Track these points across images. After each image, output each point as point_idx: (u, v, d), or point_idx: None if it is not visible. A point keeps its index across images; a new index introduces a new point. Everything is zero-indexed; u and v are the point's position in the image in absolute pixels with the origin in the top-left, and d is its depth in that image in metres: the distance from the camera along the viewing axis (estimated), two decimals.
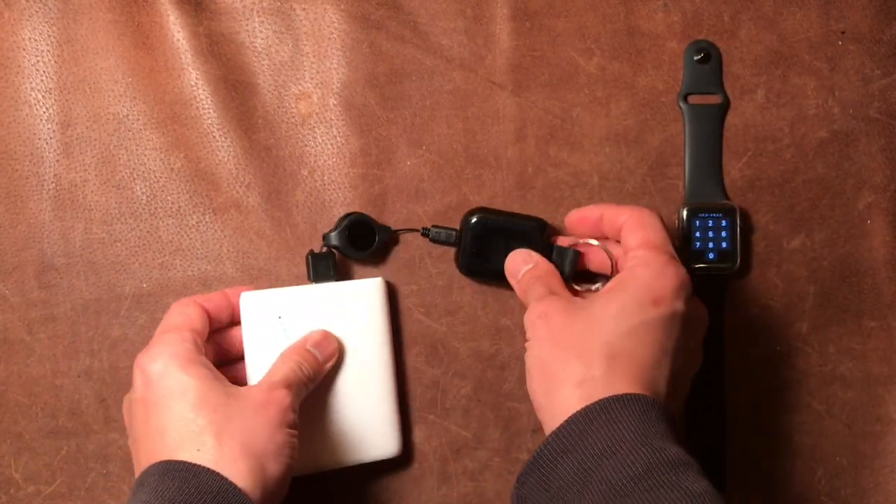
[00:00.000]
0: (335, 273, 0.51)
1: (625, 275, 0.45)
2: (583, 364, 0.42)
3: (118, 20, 0.52)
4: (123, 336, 0.52)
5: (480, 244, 0.51)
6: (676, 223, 0.54)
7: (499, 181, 0.54)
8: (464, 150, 0.54)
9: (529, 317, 0.46)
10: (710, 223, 0.53)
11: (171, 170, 0.52)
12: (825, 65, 0.55)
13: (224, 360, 0.50)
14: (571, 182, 0.54)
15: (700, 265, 0.53)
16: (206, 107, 0.52)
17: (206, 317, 0.47)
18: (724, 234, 0.53)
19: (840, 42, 0.55)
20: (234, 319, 0.50)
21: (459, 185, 0.54)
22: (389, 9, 0.54)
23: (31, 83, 0.52)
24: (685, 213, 0.53)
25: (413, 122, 0.54)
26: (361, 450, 0.51)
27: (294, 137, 0.53)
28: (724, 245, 0.53)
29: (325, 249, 0.52)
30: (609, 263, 0.50)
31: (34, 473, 0.52)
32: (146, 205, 0.52)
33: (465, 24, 0.54)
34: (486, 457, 0.54)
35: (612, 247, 0.50)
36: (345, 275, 0.53)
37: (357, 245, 0.52)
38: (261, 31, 0.53)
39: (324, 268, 0.51)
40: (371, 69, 0.53)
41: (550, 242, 0.51)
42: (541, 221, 0.52)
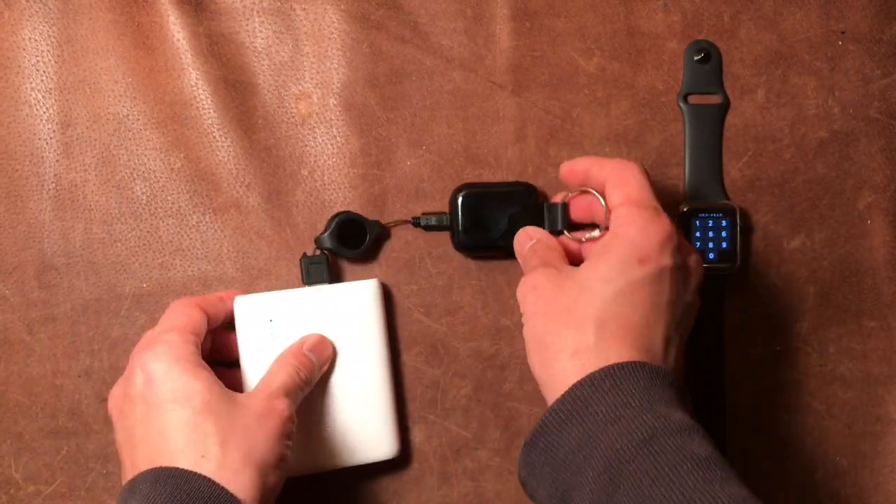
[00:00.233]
0: (329, 275, 0.51)
1: (609, 236, 0.44)
2: (575, 333, 0.42)
3: (118, 20, 0.52)
4: (123, 336, 0.52)
5: (474, 218, 0.52)
6: (676, 223, 0.54)
7: (499, 181, 0.54)
8: (464, 150, 0.54)
9: (521, 290, 0.46)
10: (710, 223, 0.53)
11: (171, 170, 0.52)
12: (825, 65, 0.55)
13: (215, 362, 0.50)
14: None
15: None
16: (206, 107, 0.52)
17: (206, 319, 0.47)
18: (724, 234, 0.53)
19: (840, 42, 0.55)
20: (227, 322, 0.50)
21: None
22: (389, 9, 0.54)
23: (31, 83, 0.52)
24: (685, 213, 0.53)
25: (413, 122, 0.54)
26: (359, 451, 0.51)
27: (294, 137, 0.53)
28: (724, 245, 0.53)
29: (318, 252, 0.52)
30: (602, 211, 0.49)
31: (34, 473, 0.52)
32: (146, 205, 0.52)
33: (465, 24, 0.54)
34: (486, 457, 0.54)
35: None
36: (341, 277, 0.53)
37: (350, 244, 0.52)
38: (261, 31, 0.53)
39: (316, 271, 0.51)
40: (371, 69, 0.53)
41: (541, 202, 0.52)
42: (528, 185, 0.52)
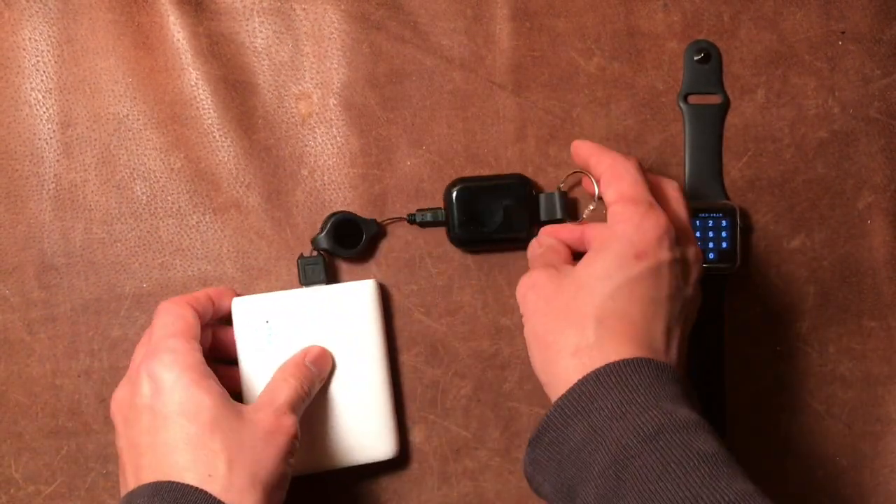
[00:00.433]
0: (326, 276, 0.51)
1: (606, 233, 0.44)
2: (576, 332, 0.42)
3: (118, 20, 0.52)
4: (123, 336, 0.52)
5: (469, 211, 0.52)
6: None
7: None
8: (464, 150, 0.54)
9: (520, 289, 0.46)
10: (710, 223, 0.53)
11: (171, 170, 0.52)
12: (825, 65, 0.55)
13: (215, 359, 0.49)
14: (572, 182, 0.54)
15: None
16: (206, 107, 0.52)
17: (199, 320, 0.47)
18: (724, 234, 0.53)
19: (840, 42, 0.55)
20: (227, 319, 0.50)
21: None
22: (389, 9, 0.54)
23: (31, 83, 0.52)
24: None
25: (413, 122, 0.54)
26: (357, 452, 0.51)
27: (294, 137, 0.53)
28: (724, 245, 0.53)
29: (315, 253, 0.52)
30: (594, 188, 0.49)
31: (34, 473, 0.52)
32: (146, 205, 0.52)
33: (465, 25, 0.54)
34: (486, 457, 0.54)
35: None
36: (338, 277, 0.53)
37: (346, 244, 0.52)
38: (261, 31, 0.53)
39: (313, 272, 0.51)
40: (371, 69, 0.53)
41: (535, 193, 0.52)
42: (522, 176, 0.52)
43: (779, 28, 0.55)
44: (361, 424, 0.50)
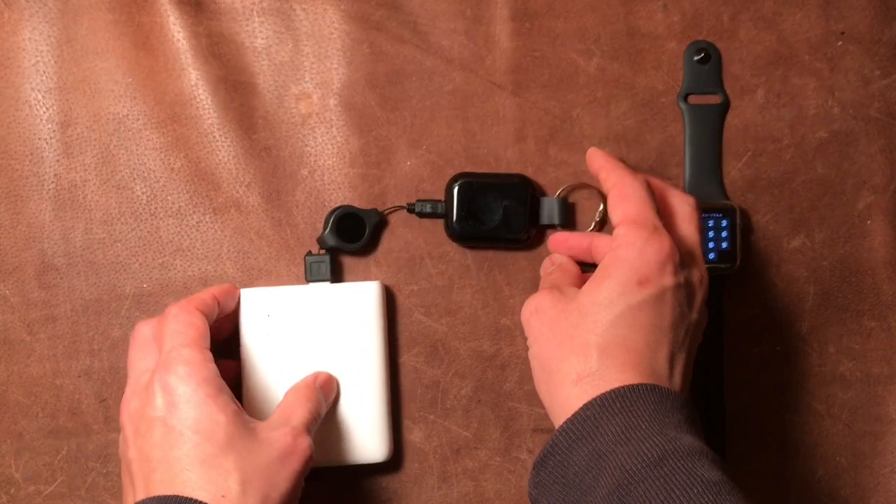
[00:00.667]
0: (331, 274, 0.51)
1: (609, 258, 0.44)
2: (578, 359, 0.42)
3: (118, 20, 0.52)
4: (123, 336, 0.52)
5: (469, 207, 0.52)
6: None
7: None
8: (464, 151, 0.54)
9: (524, 313, 0.46)
10: (710, 223, 0.53)
11: (171, 170, 0.52)
12: (825, 65, 0.55)
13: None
14: (571, 182, 0.54)
15: None
16: (206, 107, 0.52)
17: (207, 325, 0.46)
18: (724, 234, 0.53)
19: (840, 42, 0.55)
20: (219, 317, 0.50)
21: None
22: (389, 9, 0.54)
23: (31, 83, 0.52)
24: None
25: (413, 123, 0.54)
26: (350, 452, 0.51)
27: (294, 137, 0.53)
28: (724, 245, 0.53)
29: (323, 252, 0.52)
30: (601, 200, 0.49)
31: (34, 473, 0.52)
32: (146, 205, 0.52)
33: (465, 25, 0.54)
34: (486, 457, 0.54)
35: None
36: (343, 275, 0.53)
37: (350, 238, 0.52)
38: (261, 31, 0.53)
39: (318, 269, 0.51)
40: (371, 69, 0.53)
41: (537, 196, 0.53)
42: (524, 177, 0.52)
43: (778, 28, 0.55)
44: (356, 425, 0.51)
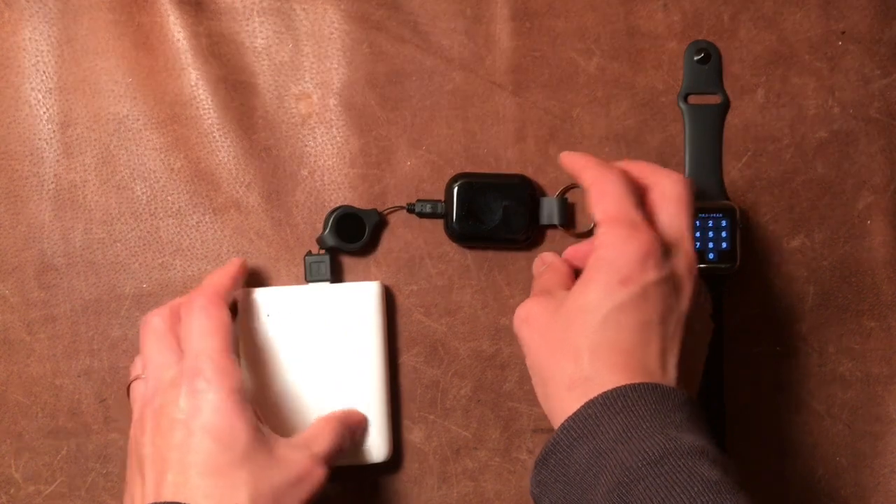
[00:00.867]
0: (331, 274, 0.51)
1: (592, 259, 0.44)
2: (570, 365, 0.42)
3: (118, 20, 0.52)
4: (123, 336, 0.52)
5: (469, 207, 0.52)
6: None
7: None
8: (464, 151, 0.54)
9: (515, 323, 0.46)
10: (710, 223, 0.53)
11: (171, 170, 0.52)
12: (825, 65, 0.55)
13: None
14: (571, 182, 0.54)
15: (700, 265, 0.53)
16: (206, 107, 0.52)
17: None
18: (724, 234, 0.53)
19: (840, 42, 0.55)
20: None
21: None
22: (389, 9, 0.54)
23: (31, 83, 0.52)
24: None
25: (413, 122, 0.54)
26: (350, 453, 0.50)
27: (294, 137, 0.53)
28: (724, 245, 0.53)
29: (322, 252, 0.52)
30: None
31: (34, 473, 0.52)
32: (146, 205, 0.52)
33: (466, 25, 0.54)
34: (486, 457, 0.54)
35: None
36: (342, 275, 0.53)
37: (350, 238, 0.52)
38: (261, 31, 0.53)
39: (318, 269, 0.51)
40: (371, 69, 0.53)
41: (537, 196, 0.53)
42: (524, 177, 0.52)
43: (779, 28, 0.55)
44: None
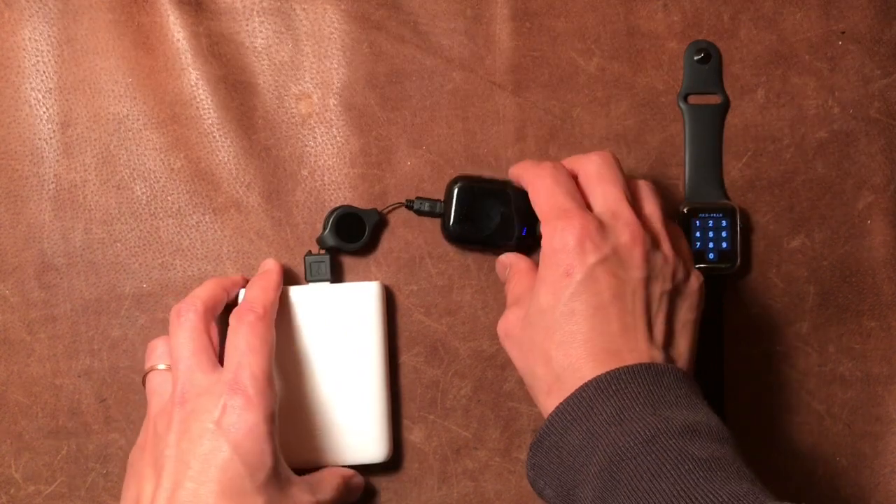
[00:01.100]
0: (331, 274, 0.51)
1: (540, 260, 0.44)
2: (543, 368, 0.43)
3: (118, 20, 0.52)
4: (123, 336, 0.52)
5: (467, 210, 0.51)
6: (676, 223, 0.54)
7: None
8: (464, 150, 0.54)
9: (499, 337, 0.47)
10: (710, 223, 0.53)
11: (171, 170, 0.52)
12: (825, 65, 0.55)
13: None
14: None
15: (700, 265, 0.53)
16: (206, 107, 0.52)
17: None
18: (724, 234, 0.53)
19: (840, 42, 0.55)
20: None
21: None
22: (389, 9, 0.54)
23: (31, 83, 0.52)
24: (685, 213, 0.53)
25: (413, 122, 0.54)
26: (349, 452, 0.51)
27: (294, 137, 0.53)
28: (724, 245, 0.53)
29: (322, 252, 0.52)
30: None
31: (34, 473, 0.52)
32: (146, 205, 0.52)
33: (466, 25, 0.54)
34: (486, 457, 0.54)
35: None
36: (343, 275, 0.53)
37: (350, 238, 0.52)
38: (261, 31, 0.53)
39: (318, 269, 0.51)
40: (371, 69, 0.53)
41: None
42: (524, 192, 0.51)
43: (779, 28, 0.55)
44: (355, 425, 0.50)
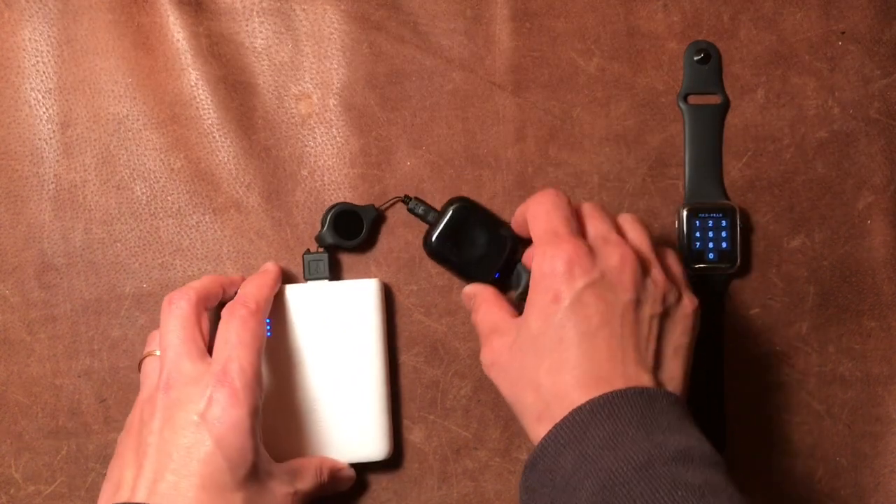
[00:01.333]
0: (330, 273, 0.51)
1: (531, 282, 0.44)
2: (532, 395, 0.42)
3: (118, 20, 0.52)
4: (123, 336, 0.52)
5: (456, 231, 0.51)
6: (676, 223, 0.54)
7: (499, 181, 0.54)
8: (464, 151, 0.54)
9: (484, 367, 0.47)
10: (710, 223, 0.53)
11: (171, 170, 0.52)
12: (825, 65, 0.55)
13: None
14: (571, 182, 0.54)
15: (700, 265, 0.53)
16: (206, 107, 0.52)
17: None
18: (724, 234, 0.53)
19: (840, 42, 0.55)
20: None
21: (459, 186, 0.54)
22: (389, 9, 0.54)
23: (31, 83, 0.52)
24: (685, 213, 0.53)
25: (413, 123, 0.54)
26: (349, 450, 0.51)
27: (294, 137, 0.53)
28: (724, 245, 0.53)
29: (321, 250, 0.52)
30: None
31: (34, 473, 0.52)
32: (146, 205, 0.52)
33: (465, 25, 0.54)
34: (486, 457, 0.54)
35: None
36: (341, 273, 0.53)
37: (348, 235, 0.52)
38: (261, 32, 0.53)
39: (316, 267, 0.51)
40: (371, 69, 0.53)
41: (519, 258, 0.51)
42: (514, 234, 0.51)
43: (779, 28, 0.55)
44: (356, 423, 0.51)
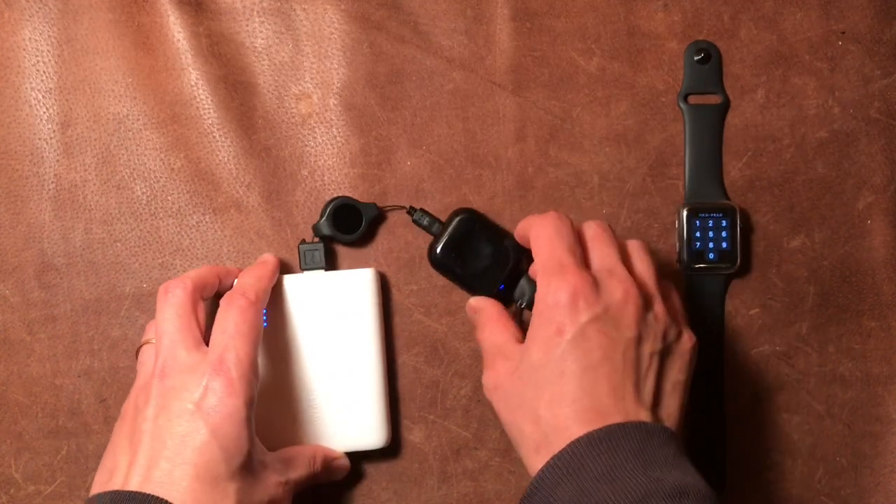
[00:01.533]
0: (325, 262, 0.51)
1: (533, 312, 0.44)
2: (531, 426, 0.42)
3: (118, 20, 0.52)
4: (123, 336, 0.52)
5: (460, 242, 0.51)
6: (676, 223, 0.54)
7: (499, 181, 0.54)
8: (464, 150, 0.54)
9: (485, 390, 0.47)
10: (710, 223, 0.53)
11: (171, 170, 0.52)
12: (825, 65, 0.55)
13: None
14: (571, 182, 0.54)
15: (700, 265, 0.53)
16: (206, 107, 0.52)
17: None
18: (724, 234, 0.53)
19: (840, 42, 0.55)
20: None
21: (459, 186, 0.54)
22: (389, 9, 0.54)
23: (31, 83, 0.52)
24: (685, 213, 0.53)
25: (413, 122, 0.54)
26: (347, 439, 0.51)
27: (294, 137, 0.53)
28: (724, 245, 0.53)
29: (317, 240, 0.52)
30: None
31: (34, 473, 0.52)
32: (146, 205, 0.52)
33: (466, 25, 0.54)
34: (486, 457, 0.54)
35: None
36: (338, 265, 0.53)
37: (346, 229, 0.52)
38: (261, 31, 0.53)
39: (312, 257, 0.51)
40: (371, 69, 0.53)
41: (523, 270, 0.52)
42: (519, 247, 0.51)
43: (779, 28, 0.55)
44: (353, 412, 0.51)
